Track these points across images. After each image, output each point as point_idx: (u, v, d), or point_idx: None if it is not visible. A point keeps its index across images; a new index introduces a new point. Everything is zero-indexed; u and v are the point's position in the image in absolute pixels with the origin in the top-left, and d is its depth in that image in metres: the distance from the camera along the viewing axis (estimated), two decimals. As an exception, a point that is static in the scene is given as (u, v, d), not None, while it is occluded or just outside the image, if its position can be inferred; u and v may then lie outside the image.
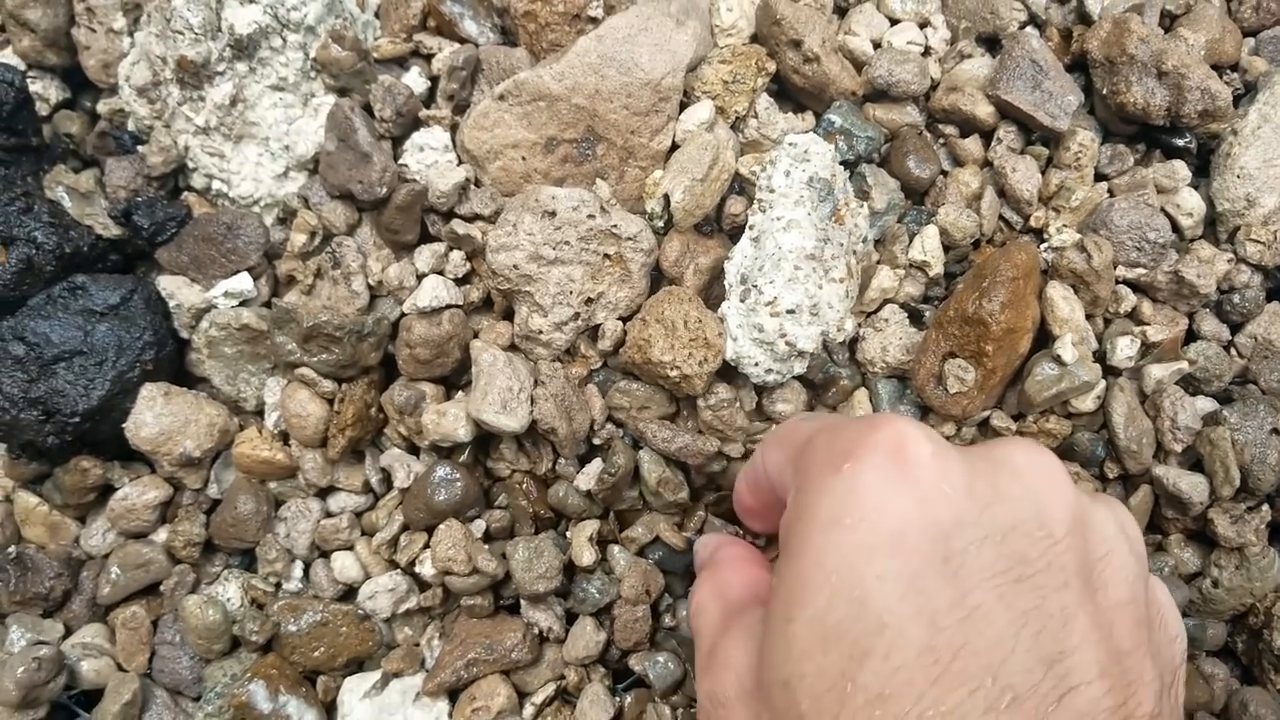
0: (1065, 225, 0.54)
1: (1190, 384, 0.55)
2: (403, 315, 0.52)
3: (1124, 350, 0.53)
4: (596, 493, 0.51)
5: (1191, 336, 0.56)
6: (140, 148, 0.56)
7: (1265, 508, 0.53)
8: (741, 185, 0.54)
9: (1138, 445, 0.53)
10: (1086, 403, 0.52)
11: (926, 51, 0.59)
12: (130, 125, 0.56)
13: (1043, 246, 0.54)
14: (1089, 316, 0.54)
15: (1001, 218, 0.56)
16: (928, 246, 0.53)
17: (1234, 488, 0.52)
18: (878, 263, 0.55)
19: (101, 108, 0.57)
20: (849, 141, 0.55)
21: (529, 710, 0.52)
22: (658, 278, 0.54)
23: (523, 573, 0.51)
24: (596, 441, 0.52)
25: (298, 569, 0.52)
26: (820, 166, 0.49)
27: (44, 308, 0.51)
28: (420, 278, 0.53)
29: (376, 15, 0.59)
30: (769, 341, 0.48)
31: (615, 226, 0.52)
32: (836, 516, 0.28)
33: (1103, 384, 0.53)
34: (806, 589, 0.28)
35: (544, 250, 0.52)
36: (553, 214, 0.52)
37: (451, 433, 0.50)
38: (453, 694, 0.53)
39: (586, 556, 0.51)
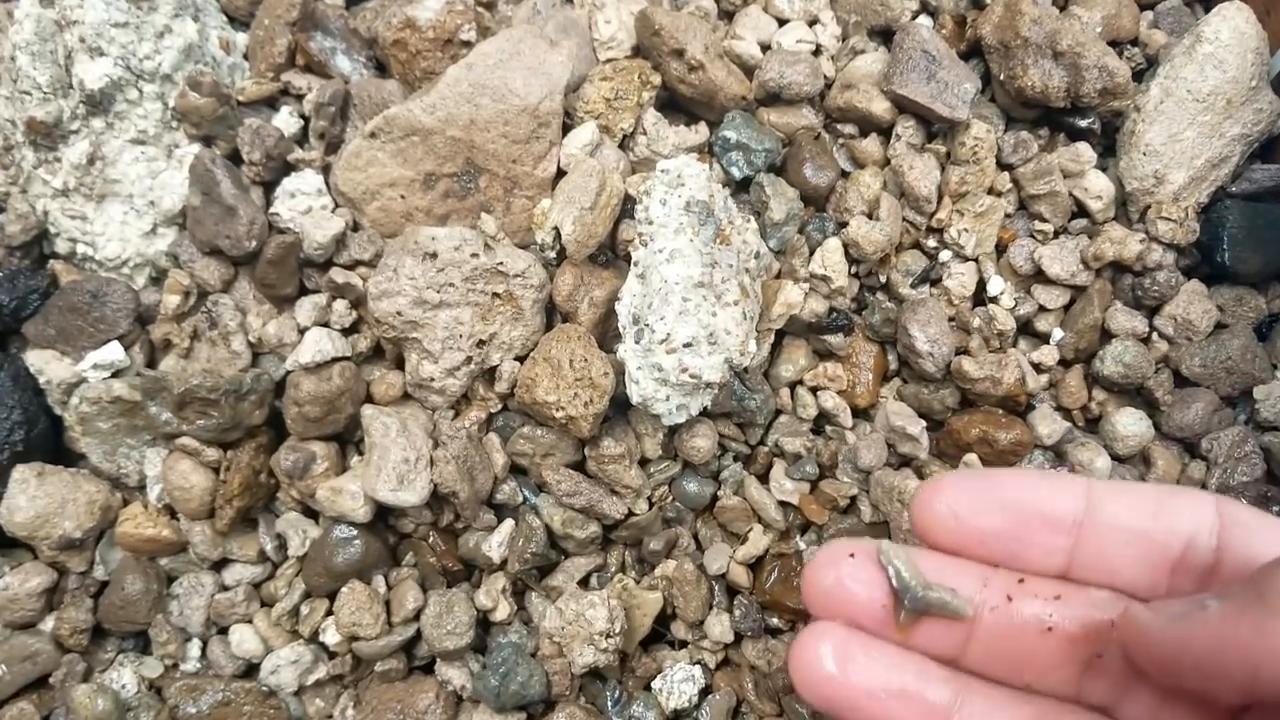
0: (966, 229, 0.53)
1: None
2: (289, 373, 0.50)
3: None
4: (508, 558, 0.49)
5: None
6: (-2, 216, 0.53)
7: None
8: (634, 208, 0.52)
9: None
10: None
11: (818, 50, 0.57)
12: (-15, 194, 0.53)
13: (942, 257, 0.53)
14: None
15: (905, 219, 0.54)
16: (829, 261, 0.51)
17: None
18: (778, 276, 0.53)
19: (-44, 176, 0.54)
20: (747, 155, 0.53)
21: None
22: (554, 313, 0.52)
23: (432, 629, 0.49)
24: (500, 498, 0.50)
25: (194, 648, 0.50)
26: (696, 189, 0.47)
27: (-96, 395, 0.49)
28: (302, 332, 0.50)
29: (245, 57, 0.57)
30: (671, 380, 0.45)
31: (501, 264, 0.50)
32: None
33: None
34: None
35: (428, 294, 0.49)
36: (434, 255, 0.49)
37: (350, 513, 0.47)
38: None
39: (501, 610, 0.49)
